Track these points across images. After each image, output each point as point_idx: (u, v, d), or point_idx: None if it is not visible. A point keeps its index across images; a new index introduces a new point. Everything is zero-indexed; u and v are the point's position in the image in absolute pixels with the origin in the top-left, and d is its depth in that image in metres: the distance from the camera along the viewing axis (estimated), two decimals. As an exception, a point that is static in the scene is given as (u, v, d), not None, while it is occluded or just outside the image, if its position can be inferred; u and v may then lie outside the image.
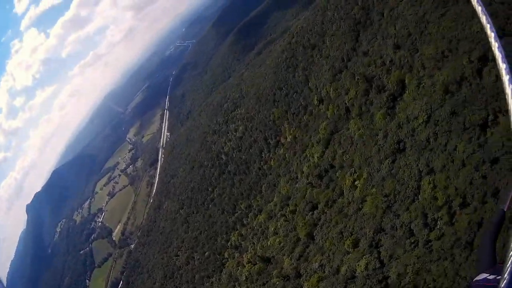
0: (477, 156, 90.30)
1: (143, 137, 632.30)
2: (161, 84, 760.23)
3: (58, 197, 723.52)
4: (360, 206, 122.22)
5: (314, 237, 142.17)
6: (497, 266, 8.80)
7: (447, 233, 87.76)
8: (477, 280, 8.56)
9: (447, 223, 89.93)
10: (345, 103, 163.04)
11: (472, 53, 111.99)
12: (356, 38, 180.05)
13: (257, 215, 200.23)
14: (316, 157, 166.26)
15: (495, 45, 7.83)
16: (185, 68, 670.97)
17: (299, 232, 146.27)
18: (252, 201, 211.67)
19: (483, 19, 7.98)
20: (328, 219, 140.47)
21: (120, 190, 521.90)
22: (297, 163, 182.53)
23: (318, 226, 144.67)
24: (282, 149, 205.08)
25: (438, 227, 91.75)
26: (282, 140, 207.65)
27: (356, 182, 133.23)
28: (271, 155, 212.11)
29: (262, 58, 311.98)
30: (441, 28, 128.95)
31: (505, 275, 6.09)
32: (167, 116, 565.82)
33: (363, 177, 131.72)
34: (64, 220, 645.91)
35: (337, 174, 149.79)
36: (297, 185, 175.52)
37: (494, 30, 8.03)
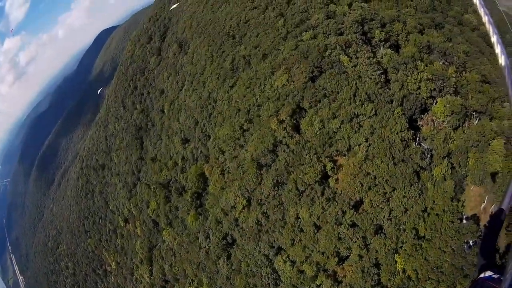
0: (332, 211, 74.49)
1: (8, 281, 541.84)
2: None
3: None
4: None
5: None
6: (498, 264, 3.30)
7: (341, 292, 73.36)
8: (482, 277, 8.61)
9: (332, 285, 75.58)
10: (150, 216, 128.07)
11: (281, 112, 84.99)
12: (141, 145, 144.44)
13: None
14: (146, 277, 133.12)
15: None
16: (10, 210, 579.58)
17: None
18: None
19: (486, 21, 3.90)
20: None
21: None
22: (132, 287, 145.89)
23: None
24: (112, 277, 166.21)
25: (324, 293, 76.82)
26: (108, 268, 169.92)
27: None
28: (105, 285, 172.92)
29: (63, 189, 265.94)
30: (233, 103, 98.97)
31: (508, 274, 7.21)
32: (14, 260, 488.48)
33: (205, 283, 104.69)
34: None
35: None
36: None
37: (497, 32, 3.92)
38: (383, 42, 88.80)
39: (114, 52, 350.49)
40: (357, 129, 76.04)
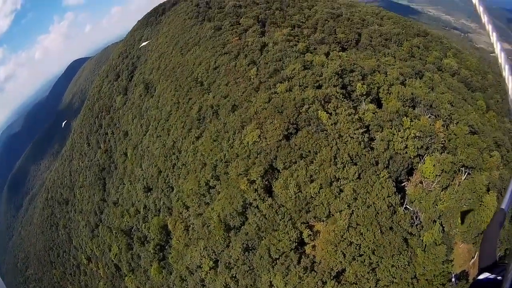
0: (311, 281, 61.68)
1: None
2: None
3: None
4: None
5: None
6: (498, 265, 6.10)
7: None
8: (479, 279, 5.89)
9: None
10: (112, 260, 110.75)
11: (251, 172, 69.60)
12: (104, 186, 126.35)
13: None
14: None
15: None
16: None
17: None
18: None
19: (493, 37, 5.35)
20: None
21: None
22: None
23: None
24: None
25: None
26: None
27: None
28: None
29: (30, 215, 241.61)
30: (199, 155, 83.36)
31: (509, 273, 4.48)
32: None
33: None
34: None
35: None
36: None
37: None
38: (365, 96, 76.32)
39: (84, 84, 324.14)
40: (337, 194, 62.76)
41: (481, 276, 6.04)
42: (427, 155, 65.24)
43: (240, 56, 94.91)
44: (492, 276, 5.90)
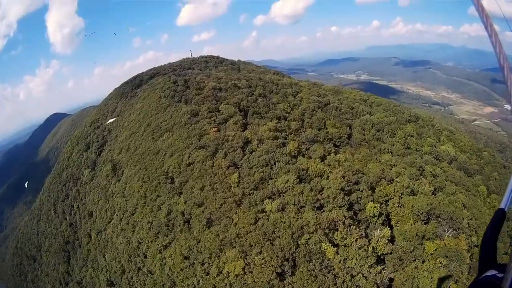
0: None
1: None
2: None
3: None
4: None
5: None
6: (498, 265, 5.65)
7: None
8: (479, 278, 5.49)
9: None
10: None
11: None
12: (68, 259, 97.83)
13: None
14: None
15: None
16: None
17: None
18: None
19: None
20: None
21: None
22: None
23: None
24: None
25: None
26: None
27: None
28: None
29: (3, 251, 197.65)
30: (167, 269, 58.62)
31: (509, 273, 4.20)
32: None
33: None
34: None
35: None
36: None
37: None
38: (376, 218, 55.11)
39: (59, 142, 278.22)
40: None
41: (482, 276, 5.30)
42: (452, 282, 47.04)
43: (219, 154, 71.13)
44: (492, 276, 5.13)
